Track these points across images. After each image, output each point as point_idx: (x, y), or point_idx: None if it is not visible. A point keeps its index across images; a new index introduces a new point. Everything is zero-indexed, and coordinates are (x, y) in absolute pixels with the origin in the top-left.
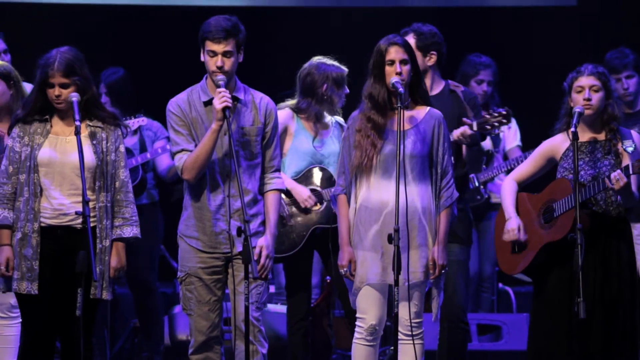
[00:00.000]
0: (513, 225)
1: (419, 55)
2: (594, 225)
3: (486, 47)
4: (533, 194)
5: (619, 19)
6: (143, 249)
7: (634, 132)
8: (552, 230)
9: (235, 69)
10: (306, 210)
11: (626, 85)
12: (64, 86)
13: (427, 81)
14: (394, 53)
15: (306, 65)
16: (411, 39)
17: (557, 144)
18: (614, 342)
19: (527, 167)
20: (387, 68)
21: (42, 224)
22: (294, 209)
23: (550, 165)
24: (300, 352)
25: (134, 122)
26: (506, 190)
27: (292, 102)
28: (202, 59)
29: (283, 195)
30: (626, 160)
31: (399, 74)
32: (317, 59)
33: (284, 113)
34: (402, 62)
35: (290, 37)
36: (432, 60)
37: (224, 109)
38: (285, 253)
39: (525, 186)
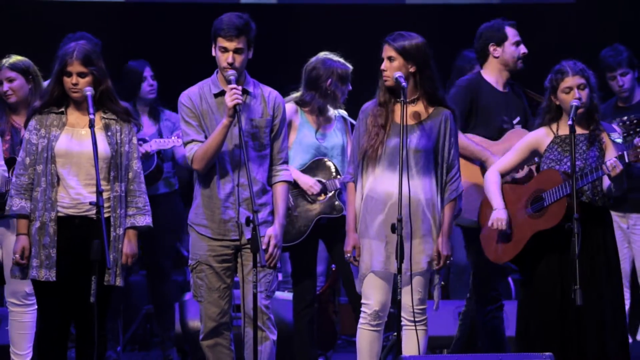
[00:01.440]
0: (501, 215)
1: None
2: (582, 214)
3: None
4: (517, 184)
5: (617, 16)
6: (161, 235)
7: (614, 126)
8: (543, 218)
9: (245, 65)
10: (312, 200)
11: (621, 82)
12: (81, 75)
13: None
14: (383, 51)
15: (312, 59)
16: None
17: (541, 137)
18: (604, 327)
19: (510, 159)
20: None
21: (60, 214)
22: (299, 199)
23: (533, 157)
24: (306, 338)
25: (163, 142)
26: (491, 181)
27: (296, 94)
28: (213, 54)
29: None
30: (611, 151)
31: (384, 70)
32: (323, 54)
33: (288, 107)
34: (389, 59)
35: (301, 33)
36: None
37: (235, 105)
38: (290, 242)
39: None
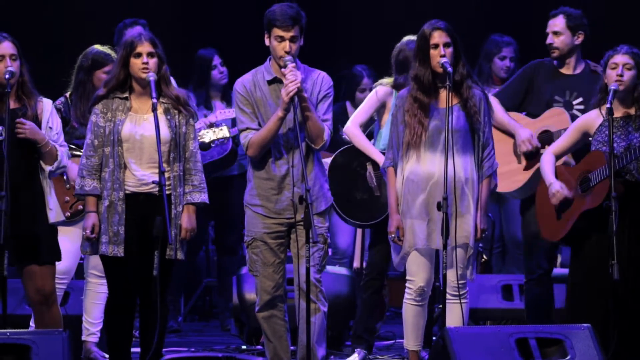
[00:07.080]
0: (557, 187)
1: (568, 34)
2: (627, 192)
3: (509, 29)
4: (569, 166)
5: None
6: (232, 213)
7: None
8: (589, 198)
9: (298, 52)
10: None
11: None
12: (150, 55)
13: (572, 60)
14: (438, 37)
15: (398, 45)
16: (561, 20)
17: (592, 119)
18: None
19: (563, 141)
20: (432, 51)
21: (127, 192)
22: (383, 180)
23: (585, 139)
24: (367, 309)
25: (228, 112)
26: (546, 162)
27: (389, 80)
28: (267, 43)
29: (371, 167)
30: None
31: (443, 56)
32: (407, 38)
33: (383, 89)
34: (445, 45)
35: (356, 17)
36: (579, 39)
37: (291, 99)
38: (374, 220)
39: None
